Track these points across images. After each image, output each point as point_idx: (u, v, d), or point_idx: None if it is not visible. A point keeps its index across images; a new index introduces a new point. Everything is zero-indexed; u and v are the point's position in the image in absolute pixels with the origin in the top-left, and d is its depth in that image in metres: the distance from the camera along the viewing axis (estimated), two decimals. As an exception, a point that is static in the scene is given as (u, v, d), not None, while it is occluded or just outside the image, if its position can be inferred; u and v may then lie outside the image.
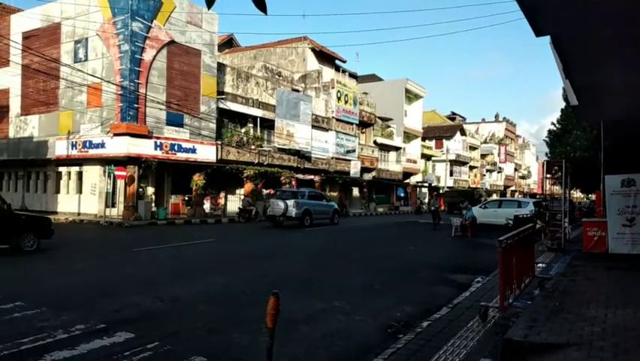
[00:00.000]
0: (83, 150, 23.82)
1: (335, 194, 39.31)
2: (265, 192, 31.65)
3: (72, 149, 24.26)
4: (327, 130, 36.48)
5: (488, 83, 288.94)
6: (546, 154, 33.31)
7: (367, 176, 43.05)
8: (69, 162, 25.47)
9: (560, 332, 5.42)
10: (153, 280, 9.24)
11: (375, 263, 12.34)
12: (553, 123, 31.21)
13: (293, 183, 32.98)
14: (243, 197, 28.53)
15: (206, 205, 27.52)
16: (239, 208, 26.83)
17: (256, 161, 29.68)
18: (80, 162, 25.25)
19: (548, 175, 16.62)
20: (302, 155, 33.52)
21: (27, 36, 26.47)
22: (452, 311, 6.78)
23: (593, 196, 41.11)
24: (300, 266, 11.54)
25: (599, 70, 6.86)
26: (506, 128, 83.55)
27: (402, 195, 50.84)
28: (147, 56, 23.00)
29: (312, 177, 35.38)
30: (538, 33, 4.97)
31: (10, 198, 28.83)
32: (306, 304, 7.37)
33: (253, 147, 29.73)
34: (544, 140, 33.13)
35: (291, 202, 22.14)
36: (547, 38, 5.99)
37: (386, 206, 46.30)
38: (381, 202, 46.14)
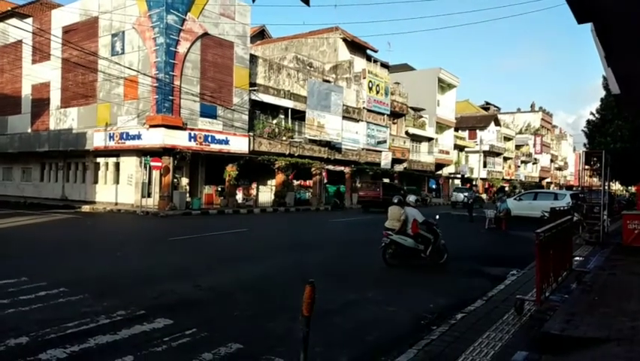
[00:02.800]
0: (120, 141, 24.44)
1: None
2: (296, 183, 31.84)
3: (109, 140, 24.91)
4: (357, 121, 36.32)
5: (524, 72, 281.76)
6: (584, 145, 32.26)
7: (398, 167, 42.72)
8: (107, 153, 26.17)
9: (600, 326, 5.31)
10: (189, 268, 9.46)
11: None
12: (592, 113, 30.18)
13: (323, 174, 33.04)
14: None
15: (239, 196, 27.88)
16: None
17: (287, 152, 29.84)
18: (117, 153, 25.92)
19: (587, 166, 16.17)
20: (332, 146, 33.50)
21: (67, 30, 27.23)
22: (487, 304, 6.71)
23: (633, 188, 39.73)
24: (333, 256, 11.60)
25: (643, 58, 6.61)
26: (542, 119, 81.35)
27: (434, 186, 50.27)
28: (182, 48, 23.34)
29: (342, 168, 35.35)
30: (581, 20, 4.81)
31: (51, 188, 29.96)
32: (339, 294, 7.42)
33: (284, 138, 29.89)
34: (582, 130, 32.13)
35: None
36: (586, 26, 5.81)
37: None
38: (413, 194, 45.73)
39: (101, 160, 27.32)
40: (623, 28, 5.38)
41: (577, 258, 10.38)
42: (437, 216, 10.98)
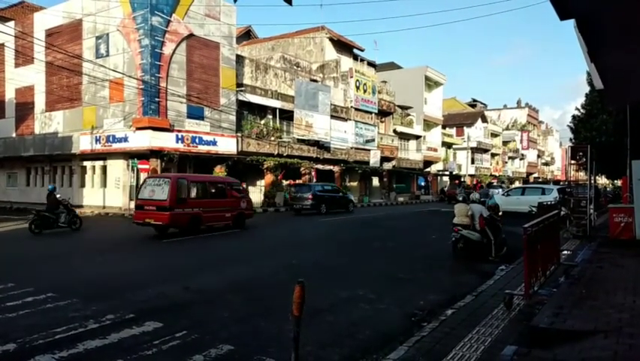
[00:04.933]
0: (106, 144, 24.23)
1: (355, 184, 39.30)
2: (285, 183, 31.78)
3: (96, 143, 24.69)
4: (346, 120, 36.36)
5: (509, 69, 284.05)
6: (570, 140, 32.59)
7: (387, 165, 42.84)
8: (93, 156, 25.94)
9: (587, 319, 5.37)
10: (180, 270, 9.41)
11: (397, 252, 12.33)
12: (577, 108, 30.48)
13: (313, 173, 33.04)
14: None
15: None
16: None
17: (276, 152, 29.79)
18: (103, 156, 25.70)
19: (573, 161, 16.34)
20: (321, 145, 33.51)
21: (50, 33, 26.93)
22: (476, 299, 6.76)
23: (618, 182, 40.24)
24: (324, 255, 11.61)
25: (625, 52, 6.70)
26: (528, 115, 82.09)
27: (422, 184, 50.51)
28: (167, 49, 23.20)
29: (331, 167, 35.37)
30: (563, 17, 4.86)
31: (37, 192, 29.60)
32: (330, 293, 7.43)
33: (273, 138, 29.84)
34: (568, 125, 32.40)
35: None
36: (570, 23, 5.87)
37: (406, 195, 46.06)
38: (402, 191, 45.91)
39: (87, 164, 27.07)
40: (603, 24, 5.45)
41: (564, 252, 10.48)
42: (500, 213, 11.98)
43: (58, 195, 16.84)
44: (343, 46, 39.35)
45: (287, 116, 31.17)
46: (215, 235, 15.52)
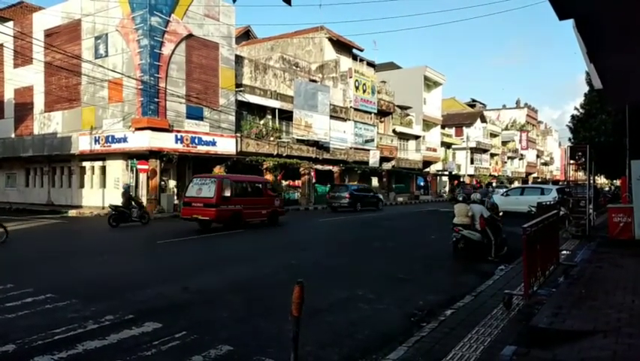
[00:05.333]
0: (105, 144, 24.22)
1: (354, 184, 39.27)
2: (285, 183, 31.79)
3: (95, 144, 24.68)
4: (345, 120, 36.38)
5: (509, 68, 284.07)
6: (569, 140, 32.61)
7: (386, 165, 42.86)
8: (92, 156, 25.92)
9: (587, 319, 5.38)
10: (179, 270, 9.41)
11: (397, 252, 12.35)
12: (576, 108, 30.49)
13: (312, 174, 33.06)
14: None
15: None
16: None
17: (275, 152, 29.79)
18: (103, 156, 25.69)
19: (572, 161, 16.34)
20: (320, 145, 33.52)
21: (49, 34, 26.91)
22: (476, 299, 6.76)
23: (617, 182, 40.25)
24: (323, 255, 11.61)
25: (624, 53, 6.71)
26: (528, 115, 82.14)
27: (422, 184, 50.53)
28: (166, 50, 23.19)
29: (330, 167, 35.38)
30: (562, 17, 4.87)
31: (36, 193, 29.58)
32: (330, 293, 7.43)
33: (272, 138, 29.84)
34: (567, 125, 32.42)
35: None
36: (569, 23, 5.88)
37: (406, 195, 46.08)
38: (401, 192, 45.94)
39: (86, 164, 27.06)
40: (602, 24, 5.45)
41: (564, 252, 10.49)
42: (501, 213, 12.09)
43: (131, 193, 19.52)
44: (342, 46, 39.36)
45: (286, 116, 31.17)
46: (212, 235, 15.52)
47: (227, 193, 16.90)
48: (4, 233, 13.13)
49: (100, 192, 25.98)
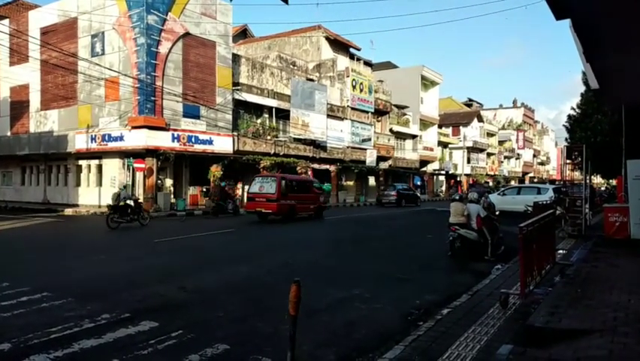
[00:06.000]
0: (102, 143, 24.15)
1: (351, 183, 39.34)
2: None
3: (91, 142, 24.61)
4: (342, 119, 36.38)
5: (505, 68, 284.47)
6: (566, 139, 32.69)
7: (383, 165, 42.88)
8: (89, 155, 25.85)
9: (583, 318, 5.39)
10: (175, 270, 9.39)
11: (393, 252, 12.36)
12: (572, 108, 30.55)
13: (309, 172, 33.04)
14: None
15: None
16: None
17: (272, 151, 29.77)
18: (99, 155, 25.61)
19: (568, 161, 16.39)
20: (317, 144, 33.52)
21: (45, 32, 26.81)
22: (472, 299, 6.77)
23: (613, 182, 40.35)
24: (320, 255, 11.61)
25: (620, 53, 6.73)
26: (524, 114, 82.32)
27: (419, 183, 50.59)
28: (163, 48, 23.13)
29: (327, 166, 35.38)
30: (559, 16, 4.88)
31: (32, 191, 29.48)
32: (326, 293, 7.42)
33: (269, 137, 29.81)
34: (563, 125, 32.49)
35: None
36: (565, 23, 5.89)
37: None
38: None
39: (83, 162, 26.97)
40: (598, 24, 5.47)
41: (560, 251, 10.53)
42: (497, 212, 12.17)
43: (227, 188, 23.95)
44: (340, 45, 39.34)
45: (283, 115, 31.15)
46: (209, 234, 15.51)
47: (285, 190, 19.88)
48: None
49: (96, 191, 25.90)
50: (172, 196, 24.95)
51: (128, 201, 17.55)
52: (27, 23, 28.02)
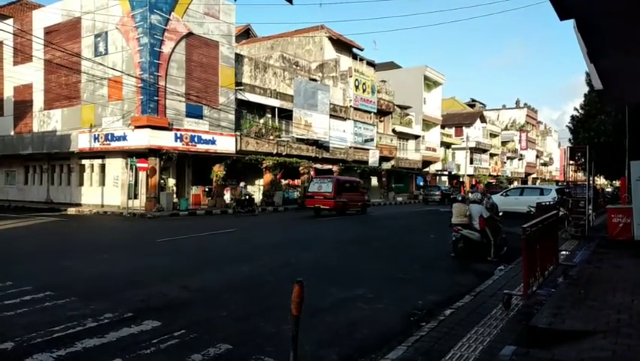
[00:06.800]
0: (105, 142, 24.20)
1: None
2: (284, 182, 31.78)
3: (94, 142, 24.66)
4: (344, 119, 36.37)
5: (508, 69, 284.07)
6: (569, 140, 32.64)
7: (386, 165, 42.86)
8: (92, 154, 25.91)
9: (586, 319, 5.37)
10: (178, 269, 9.40)
11: (396, 252, 12.35)
12: (576, 109, 30.47)
13: (312, 173, 33.04)
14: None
15: (227, 196, 27.77)
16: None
17: (275, 151, 29.78)
18: (102, 154, 25.67)
19: (571, 162, 16.32)
20: (320, 145, 33.51)
21: (48, 31, 26.88)
22: (475, 299, 6.75)
23: (617, 183, 40.22)
24: (322, 255, 11.61)
25: (625, 53, 6.70)
26: (527, 115, 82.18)
27: (421, 183, 50.55)
28: (166, 48, 23.17)
29: (330, 166, 35.37)
30: (563, 17, 4.87)
31: (35, 191, 29.57)
32: (328, 293, 7.42)
33: (271, 137, 29.83)
34: (566, 126, 32.44)
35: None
36: (569, 24, 5.88)
37: (405, 195, 46.09)
38: (400, 191, 45.97)
39: (86, 162, 27.04)
40: (603, 24, 5.45)
41: (563, 252, 10.50)
42: (500, 213, 11.93)
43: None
44: (342, 45, 39.34)
45: (286, 115, 31.17)
46: (211, 233, 15.53)
47: (339, 189, 23.52)
48: None
49: (99, 190, 25.96)
50: (174, 196, 24.98)
51: (245, 196, 23.46)
52: (31, 23, 28.10)
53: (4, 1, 31.65)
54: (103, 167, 26.31)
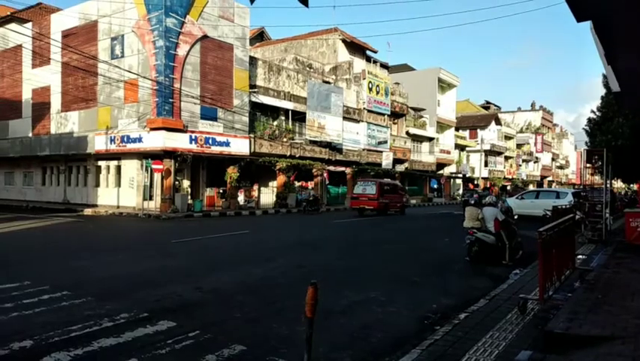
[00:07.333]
0: (121, 144, 24.46)
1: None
2: (297, 184, 31.82)
3: (111, 143, 24.94)
4: (358, 121, 36.33)
5: (524, 71, 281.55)
6: (585, 143, 32.19)
7: (399, 167, 42.71)
8: (108, 156, 26.20)
9: (604, 324, 5.30)
10: (192, 270, 9.46)
11: (410, 255, 12.30)
12: (592, 111, 30.03)
13: (325, 175, 33.05)
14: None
15: (240, 198, 27.90)
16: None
17: (288, 153, 29.85)
18: (118, 156, 25.95)
19: (588, 165, 16.10)
20: (333, 147, 33.51)
21: (66, 34, 27.27)
22: (490, 303, 6.70)
23: (635, 186, 39.60)
24: (335, 257, 11.60)
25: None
26: (543, 117, 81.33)
27: (435, 186, 50.26)
28: (181, 51, 23.37)
29: (343, 168, 35.36)
30: (580, 18, 4.81)
31: (52, 191, 29.98)
32: (342, 295, 7.42)
33: (285, 139, 29.90)
34: (583, 128, 32.07)
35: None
36: (585, 25, 5.81)
37: (419, 198, 45.87)
38: (414, 194, 45.72)
39: (102, 163, 27.36)
40: (621, 25, 5.38)
41: (580, 256, 10.37)
42: (516, 216, 11.75)
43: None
44: (356, 47, 39.32)
45: (299, 117, 31.23)
46: (225, 235, 15.60)
47: (382, 192, 25.66)
48: None
49: (115, 192, 26.24)
50: (189, 197, 25.16)
51: (313, 197, 27.34)
52: (49, 26, 28.54)
53: (23, 5, 32.16)
54: (119, 168, 26.60)
